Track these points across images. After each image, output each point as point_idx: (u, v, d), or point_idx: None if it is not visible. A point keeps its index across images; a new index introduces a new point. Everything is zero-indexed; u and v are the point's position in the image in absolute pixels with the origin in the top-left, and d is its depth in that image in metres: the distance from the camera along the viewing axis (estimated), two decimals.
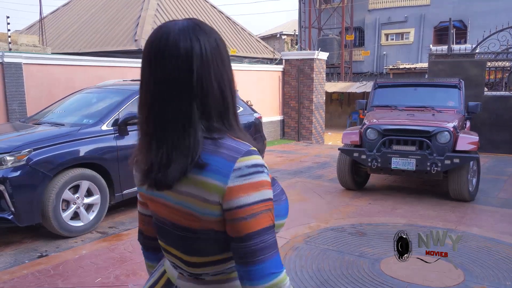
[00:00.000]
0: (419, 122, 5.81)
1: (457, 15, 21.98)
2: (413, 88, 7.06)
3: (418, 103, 6.68)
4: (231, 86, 0.98)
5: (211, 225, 0.94)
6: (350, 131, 6.24)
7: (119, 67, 8.37)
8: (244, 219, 0.89)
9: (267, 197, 0.91)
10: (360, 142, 5.96)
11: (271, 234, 0.92)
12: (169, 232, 1.02)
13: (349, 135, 6.13)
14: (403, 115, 6.26)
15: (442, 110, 6.44)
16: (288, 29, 33.62)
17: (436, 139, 5.52)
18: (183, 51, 0.91)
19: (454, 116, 6.14)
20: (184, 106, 0.92)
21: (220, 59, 0.95)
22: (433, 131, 5.54)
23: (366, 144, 5.85)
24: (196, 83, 0.91)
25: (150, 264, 1.28)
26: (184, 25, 0.94)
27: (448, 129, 5.53)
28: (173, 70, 0.91)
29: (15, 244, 4.33)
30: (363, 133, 5.92)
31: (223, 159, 0.90)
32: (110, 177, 4.80)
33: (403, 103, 6.80)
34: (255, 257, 0.89)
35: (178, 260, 1.04)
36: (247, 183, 0.89)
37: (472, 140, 5.58)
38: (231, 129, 0.97)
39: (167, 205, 0.99)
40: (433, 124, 5.69)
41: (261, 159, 0.93)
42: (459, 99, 6.61)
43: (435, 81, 7.23)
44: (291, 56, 12.61)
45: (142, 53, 0.97)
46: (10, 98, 6.80)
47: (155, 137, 0.94)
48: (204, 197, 0.91)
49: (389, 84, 7.43)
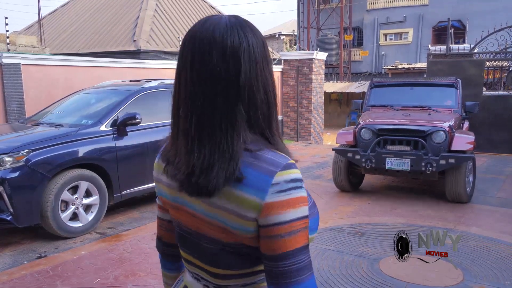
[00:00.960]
0: (414, 122, 5.74)
1: (455, 15, 22.01)
2: (409, 87, 6.97)
3: (415, 103, 6.60)
4: (274, 91, 0.92)
5: (241, 240, 0.88)
6: (345, 131, 6.17)
7: (118, 67, 8.36)
8: (282, 237, 0.83)
9: (305, 214, 0.86)
10: (355, 142, 5.89)
11: (307, 254, 0.86)
12: (194, 242, 0.96)
13: (344, 135, 6.06)
14: (398, 114, 6.20)
15: (439, 109, 6.35)
16: (286, 29, 33.62)
17: (431, 139, 5.45)
18: (231, 47, 0.84)
19: (451, 116, 6.07)
20: (230, 106, 0.85)
21: (266, 61, 0.90)
22: (428, 131, 5.47)
23: (361, 144, 5.79)
24: (244, 83, 0.85)
25: (167, 274, 1.20)
26: (231, 20, 0.87)
27: (443, 128, 5.46)
28: (219, 67, 0.84)
29: (14, 245, 4.32)
30: (358, 133, 5.85)
31: (260, 173, 0.84)
32: (109, 178, 4.79)
33: (399, 102, 6.73)
34: (291, 278, 0.83)
35: (203, 272, 0.97)
36: (286, 199, 0.83)
37: (468, 140, 5.48)
38: (273, 137, 0.91)
39: (195, 215, 0.93)
40: (428, 123, 5.62)
41: (299, 173, 0.86)
42: (456, 99, 6.54)
43: (431, 80, 7.16)
44: (289, 56, 12.61)
45: (181, 47, 0.89)
46: (8, 99, 6.79)
47: (197, 137, 0.86)
48: (239, 212, 0.85)
49: (385, 83, 7.32)
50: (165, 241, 1.16)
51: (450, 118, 5.89)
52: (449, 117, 5.96)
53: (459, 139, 5.46)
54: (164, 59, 12.61)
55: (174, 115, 0.91)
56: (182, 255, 1.03)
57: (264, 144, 0.89)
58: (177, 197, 0.96)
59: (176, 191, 0.94)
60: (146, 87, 5.52)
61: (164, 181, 0.99)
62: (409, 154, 5.43)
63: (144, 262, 3.82)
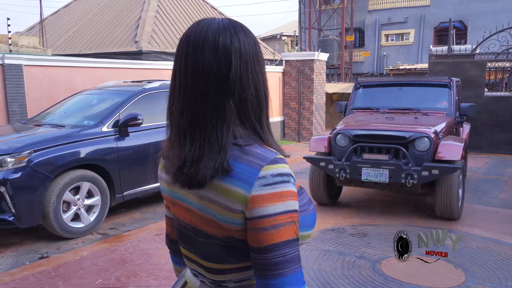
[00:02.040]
0: (396, 127, 5.03)
1: (457, 15, 21.99)
2: (398, 88, 6.27)
3: (403, 105, 5.93)
4: (265, 89, 0.95)
5: (232, 233, 0.90)
6: (319, 137, 5.51)
7: (120, 68, 8.37)
8: (266, 230, 0.85)
9: (292, 208, 0.87)
10: (330, 149, 5.24)
11: (294, 248, 0.87)
12: (191, 237, 0.99)
13: (318, 141, 5.39)
14: (381, 118, 5.51)
15: (428, 112, 5.66)
16: (288, 30, 33.65)
17: (414, 146, 4.77)
18: (223, 45, 0.88)
19: (441, 120, 5.39)
20: (221, 101, 0.88)
21: (257, 59, 0.93)
22: (410, 137, 4.77)
23: (336, 151, 5.14)
24: (234, 78, 0.88)
25: (178, 269, 1.26)
26: (224, 21, 0.92)
27: (427, 134, 4.75)
28: (211, 63, 0.87)
29: (16, 245, 4.34)
30: (333, 139, 5.19)
31: (248, 166, 0.86)
32: (110, 179, 4.80)
33: (386, 104, 6.06)
34: (275, 270, 0.85)
35: (199, 267, 1.01)
36: (272, 192, 0.85)
37: (456, 148, 4.76)
38: (263, 132, 0.94)
39: (189, 209, 0.96)
40: (411, 128, 4.93)
41: (288, 168, 0.89)
42: (449, 100, 5.83)
43: (422, 80, 6.58)
44: (291, 57, 12.61)
45: (177, 46, 0.94)
46: (10, 100, 6.81)
47: (188, 131, 0.90)
48: (226, 205, 0.87)
49: (372, 84, 6.60)
50: (172, 237, 1.22)
51: (439, 122, 5.22)
52: (438, 121, 5.29)
53: (446, 147, 4.75)
54: (165, 60, 12.62)
55: (169, 111, 0.95)
56: (182, 251, 1.07)
57: (255, 140, 0.92)
58: (174, 192, 1.00)
59: (173, 186, 0.98)
60: (147, 88, 5.53)
61: (164, 178, 1.03)
62: (388, 163, 4.73)
63: (145, 263, 3.83)
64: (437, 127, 5.05)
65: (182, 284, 1.11)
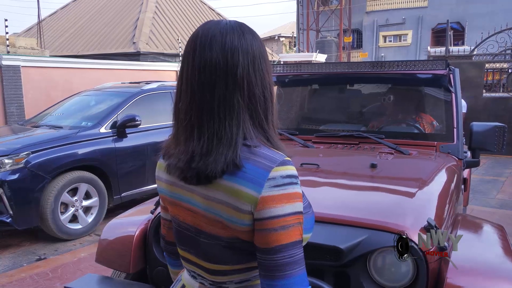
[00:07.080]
0: (323, 208, 1.65)
1: (454, 16, 22.06)
2: (346, 86, 3.30)
3: (353, 125, 3.05)
4: (271, 89, 0.96)
5: (237, 234, 0.90)
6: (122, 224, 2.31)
7: (118, 69, 8.37)
8: (275, 230, 0.85)
9: (299, 210, 0.88)
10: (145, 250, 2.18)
11: (300, 249, 0.88)
12: (192, 238, 0.98)
13: (114, 240, 2.15)
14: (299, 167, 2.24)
15: (405, 146, 2.61)
16: (286, 31, 33.69)
17: (364, 272, 1.63)
18: (230, 42, 0.89)
19: (434, 169, 2.27)
20: (228, 95, 0.88)
21: (264, 59, 0.94)
22: (351, 249, 1.55)
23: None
24: (241, 75, 0.89)
25: (174, 271, 1.26)
26: (231, 22, 0.94)
27: (402, 236, 1.59)
28: (218, 58, 0.88)
29: (14, 247, 4.32)
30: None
31: (257, 167, 0.86)
32: (108, 180, 4.79)
33: (323, 122, 3.14)
34: (282, 271, 0.85)
35: (199, 269, 1.00)
36: (281, 193, 0.85)
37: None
38: (269, 131, 0.95)
39: (192, 210, 0.96)
40: (358, 214, 1.68)
41: (295, 170, 0.89)
42: (449, 112, 2.82)
43: (388, 71, 2.91)
44: (289, 58, 12.64)
45: (185, 45, 0.95)
46: (8, 101, 6.80)
47: (196, 126, 0.90)
48: (235, 205, 0.87)
49: (297, 79, 3.28)
50: (167, 239, 1.20)
51: (429, 182, 2.08)
52: (429, 177, 2.13)
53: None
54: (163, 61, 12.62)
55: (176, 108, 0.95)
56: (180, 253, 1.06)
57: (262, 142, 0.92)
58: (175, 192, 0.99)
59: (174, 187, 0.98)
60: (145, 89, 5.52)
61: (163, 178, 1.03)
62: None
63: None
64: (429, 202, 1.92)
65: (179, 287, 1.10)
